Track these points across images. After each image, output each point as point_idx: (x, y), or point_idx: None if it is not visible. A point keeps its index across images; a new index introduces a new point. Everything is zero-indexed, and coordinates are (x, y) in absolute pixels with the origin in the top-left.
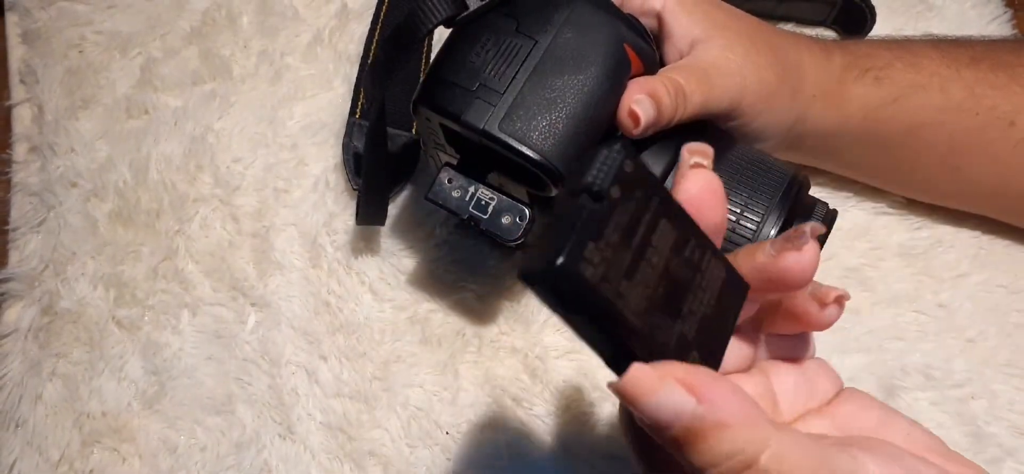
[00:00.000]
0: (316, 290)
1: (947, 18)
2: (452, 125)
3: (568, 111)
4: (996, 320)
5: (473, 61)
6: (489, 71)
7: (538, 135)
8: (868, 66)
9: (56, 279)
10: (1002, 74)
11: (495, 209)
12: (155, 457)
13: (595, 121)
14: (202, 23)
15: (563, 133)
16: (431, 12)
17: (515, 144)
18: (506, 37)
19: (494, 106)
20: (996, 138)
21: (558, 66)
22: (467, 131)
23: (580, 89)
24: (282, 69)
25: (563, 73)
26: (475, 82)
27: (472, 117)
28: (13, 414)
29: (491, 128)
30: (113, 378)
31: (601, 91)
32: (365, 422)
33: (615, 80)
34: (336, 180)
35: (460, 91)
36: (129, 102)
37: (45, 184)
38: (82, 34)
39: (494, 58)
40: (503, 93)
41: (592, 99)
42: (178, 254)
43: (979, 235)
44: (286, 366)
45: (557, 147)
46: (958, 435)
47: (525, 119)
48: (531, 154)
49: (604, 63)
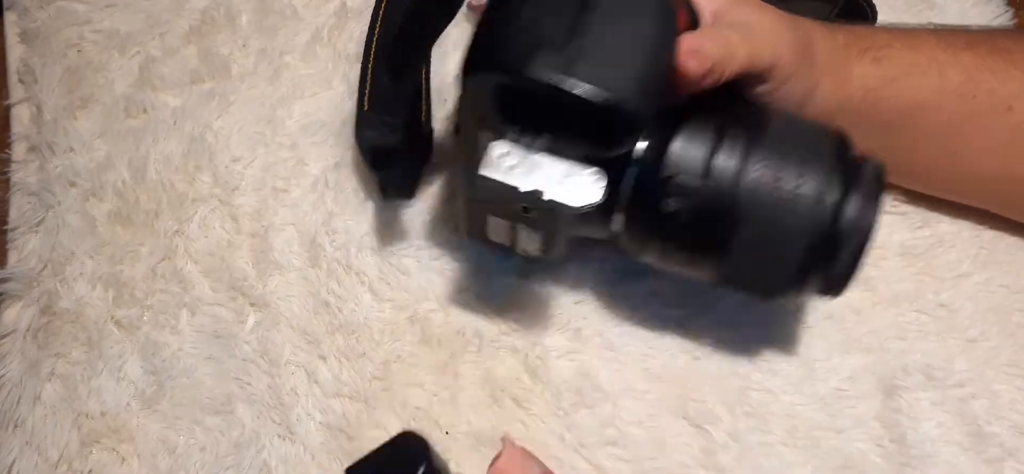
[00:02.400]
0: (315, 290)
1: (948, 17)
2: (513, 82)
3: (632, 57)
4: (998, 320)
5: (524, 19)
6: (544, 27)
7: (610, 80)
8: (867, 45)
9: (55, 279)
10: (999, 59)
11: (564, 173)
12: (154, 457)
13: (659, 67)
14: (201, 22)
15: (633, 77)
16: None
17: (590, 88)
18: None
19: (558, 56)
20: (994, 123)
21: (612, 17)
22: (534, 84)
23: (639, 36)
24: (281, 68)
25: (619, 22)
26: (532, 38)
27: (538, 70)
28: (12, 414)
29: (559, 79)
30: (112, 378)
31: (658, 39)
32: (365, 422)
33: (668, 31)
34: (336, 179)
35: (518, 47)
36: (128, 101)
37: (44, 184)
38: (81, 33)
39: (545, 14)
40: (563, 45)
41: (652, 46)
42: (177, 254)
43: (981, 234)
44: (285, 366)
45: (630, 89)
46: (959, 435)
47: (593, 66)
48: (608, 97)
49: (656, 13)
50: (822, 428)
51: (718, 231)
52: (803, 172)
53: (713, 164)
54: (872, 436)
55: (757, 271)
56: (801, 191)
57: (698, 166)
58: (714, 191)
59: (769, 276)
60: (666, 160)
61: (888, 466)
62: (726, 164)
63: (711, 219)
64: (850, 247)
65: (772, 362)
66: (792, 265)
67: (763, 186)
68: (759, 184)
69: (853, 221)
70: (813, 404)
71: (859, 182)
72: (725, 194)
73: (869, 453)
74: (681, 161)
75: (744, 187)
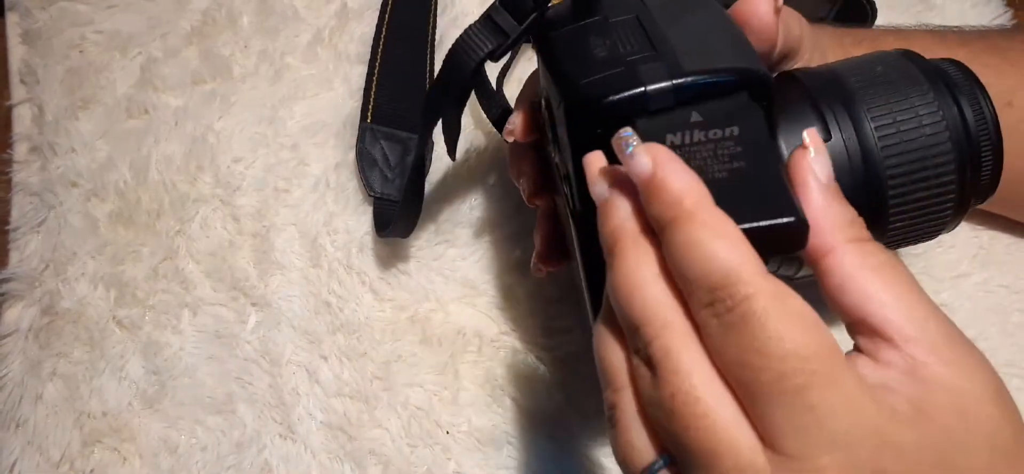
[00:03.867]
0: (316, 290)
1: (947, 17)
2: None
3: (722, 28)
4: (997, 320)
5: (600, 54)
6: (623, 49)
7: (721, 56)
8: (862, 37)
9: (56, 279)
10: (995, 56)
11: None
12: (156, 457)
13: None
14: (202, 23)
15: (738, 42)
16: (476, 48)
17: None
18: (605, 28)
19: (660, 63)
20: None
21: (677, 15)
22: (658, 95)
23: (713, 17)
24: (282, 69)
25: (685, 15)
26: (621, 64)
27: (653, 79)
28: (14, 414)
29: (678, 77)
30: (114, 378)
31: (725, 15)
32: (365, 422)
33: (721, 8)
34: (336, 180)
35: (617, 75)
36: (129, 102)
37: (45, 184)
38: (82, 34)
39: (616, 40)
40: (654, 52)
41: (726, 21)
42: (178, 254)
43: (979, 235)
44: (287, 366)
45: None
46: None
47: (696, 54)
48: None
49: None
50: None
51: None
52: (911, 103)
53: (830, 130)
54: None
55: (920, 218)
56: (925, 126)
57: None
58: (846, 153)
59: (933, 216)
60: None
61: None
62: (842, 125)
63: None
64: (990, 145)
65: None
66: (950, 194)
67: (887, 132)
68: (885, 136)
69: (980, 119)
70: None
71: (954, 82)
72: (857, 154)
73: None
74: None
75: (871, 142)
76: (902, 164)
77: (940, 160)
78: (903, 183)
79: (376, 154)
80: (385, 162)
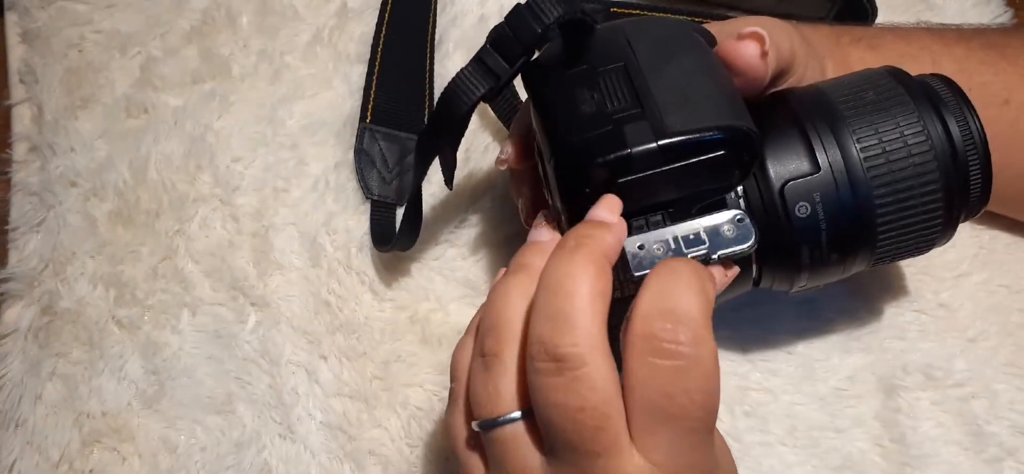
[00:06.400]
0: (316, 290)
1: (947, 16)
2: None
3: (708, 84)
4: (997, 320)
5: (587, 109)
6: (610, 105)
7: (706, 113)
8: (860, 36)
9: (56, 279)
10: (992, 53)
11: (706, 229)
12: (155, 457)
13: (729, 80)
14: (202, 22)
15: (720, 100)
16: (469, 91)
17: (698, 127)
18: (593, 80)
19: (645, 122)
20: (991, 118)
21: (663, 64)
22: (642, 157)
23: (698, 62)
24: (282, 68)
25: (671, 63)
26: (607, 122)
27: (638, 140)
28: (13, 414)
29: (663, 137)
30: (113, 378)
31: (712, 60)
32: (365, 422)
33: (707, 47)
34: (336, 179)
35: (602, 136)
36: (129, 101)
37: (45, 184)
38: (81, 33)
39: (604, 94)
40: (639, 109)
41: (711, 64)
42: (178, 254)
43: (980, 234)
44: (286, 366)
45: (730, 109)
46: (959, 434)
47: (681, 110)
48: (721, 124)
49: (692, 40)
50: (821, 428)
51: (857, 218)
52: (896, 123)
53: (816, 154)
54: (872, 436)
55: (909, 236)
56: (910, 145)
57: (805, 163)
58: (832, 177)
59: (921, 234)
60: (769, 176)
61: (888, 466)
62: (828, 149)
63: (845, 210)
64: (978, 161)
65: (771, 362)
66: (938, 212)
67: (873, 154)
68: (870, 156)
69: (965, 134)
70: (812, 404)
71: (941, 100)
72: (843, 177)
73: (869, 453)
74: (784, 167)
75: (857, 164)
76: (889, 185)
77: (926, 180)
78: (890, 204)
79: (375, 155)
80: (384, 163)
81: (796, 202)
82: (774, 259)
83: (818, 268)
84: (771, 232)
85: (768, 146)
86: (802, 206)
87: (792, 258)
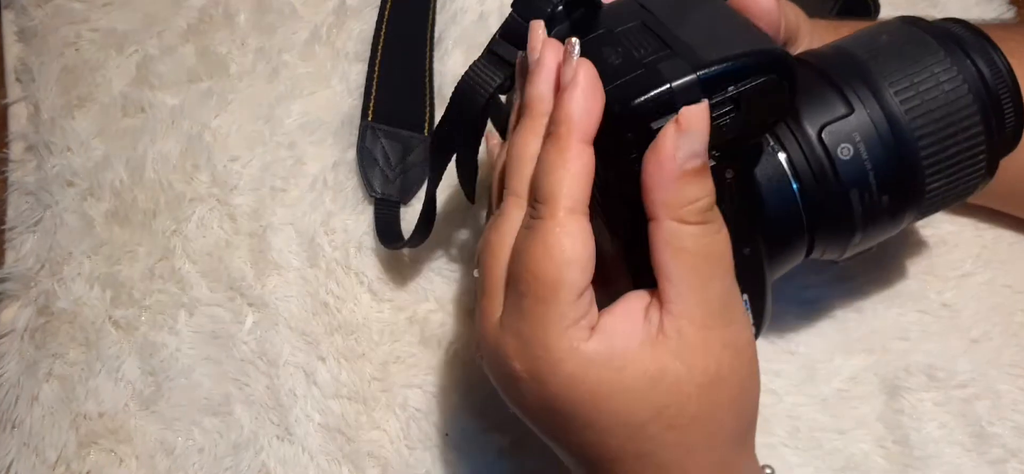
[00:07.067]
0: (314, 290)
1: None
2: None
3: (732, 23)
4: (1000, 320)
5: (615, 61)
6: (638, 54)
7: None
8: (860, 28)
9: (52, 279)
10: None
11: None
12: (152, 458)
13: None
14: (199, 20)
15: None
16: (483, 84)
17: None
18: (612, 39)
19: (679, 59)
20: None
21: (682, 13)
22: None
23: (718, 10)
24: (279, 67)
25: (692, 12)
26: (639, 67)
27: (676, 75)
28: (9, 415)
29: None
30: (110, 379)
31: (728, 8)
32: (364, 423)
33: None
34: (335, 179)
35: (639, 77)
36: (125, 100)
37: (41, 183)
38: (78, 32)
39: (628, 46)
40: (669, 50)
41: (732, 13)
42: (175, 254)
43: (983, 234)
44: (284, 367)
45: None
46: (962, 436)
47: (711, 45)
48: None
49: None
50: (824, 429)
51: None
52: (926, 65)
53: (849, 99)
54: (875, 437)
55: (956, 174)
56: (944, 84)
57: (839, 108)
58: (869, 119)
59: (968, 170)
60: (804, 126)
61: (891, 467)
62: (860, 94)
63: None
64: (1008, 95)
65: (774, 363)
66: (981, 145)
67: (910, 99)
68: (906, 99)
69: (993, 71)
70: (815, 405)
71: (964, 40)
72: (880, 118)
73: (872, 454)
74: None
75: (892, 105)
76: (929, 124)
77: (965, 114)
78: (933, 143)
79: (377, 153)
80: (386, 161)
81: (837, 145)
82: (826, 216)
83: (871, 218)
84: (818, 187)
85: (801, 103)
86: (844, 148)
87: (844, 209)
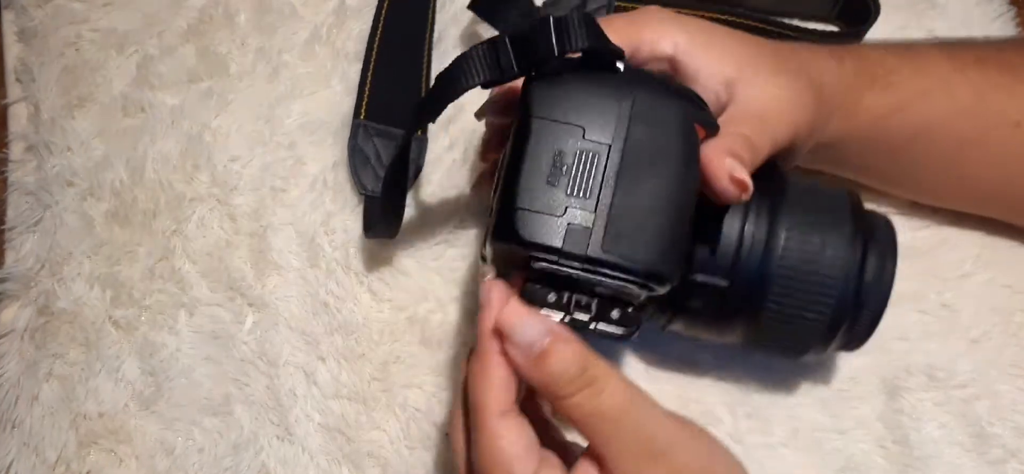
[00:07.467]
0: (314, 290)
1: (950, 15)
2: (548, 258)
3: (667, 214)
4: (1000, 320)
5: (550, 183)
6: (571, 191)
7: (645, 249)
8: (876, 73)
9: (52, 279)
10: (1008, 76)
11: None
12: (152, 458)
13: (690, 211)
14: (199, 20)
15: (668, 238)
16: (471, 73)
17: (625, 264)
18: (576, 148)
19: (590, 228)
20: (1002, 139)
21: (640, 168)
22: (568, 261)
23: (671, 186)
24: (280, 67)
25: (649, 175)
26: (561, 207)
27: (571, 245)
28: (9, 415)
29: (596, 253)
30: (110, 379)
31: (689, 180)
32: (364, 423)
33: (694, 162)
34: (334, 179)
35: (547, 219)
36: (126, 100)
37: (41, 183)
38: (78, 32)
39: (571, 175)
40: (594, 212)
41: (683, 190)
42: (175, 254)
43: (983, 235)
44: (284, 367)
45: (666, 254)
46: (962, 436)
47: (627, 235)
48: (643, 268)
49: (684, 152)
50: (824, 429)
51: (748, 303)
52: (826, 237)
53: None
54: (875, 437)
55: (786, 334)
56: (827, 251)
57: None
58: (743, 270)
59: (798, 338)
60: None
61: (891, 467)
62: (756, 238)
63: (741, 296)
64: (872, 304)
65: (773, 363)
66: (821, 327)
67: (790, 255)
68: (787, 253)
69: (875, 279)
70: (815, 405)
71: (875, 240)
72: (754, 270)
73: (872, 454)
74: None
75: (773, 259)
76: (788, 279)
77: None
78: (782, 297)
79: (369, 151)
80: (378, 160)
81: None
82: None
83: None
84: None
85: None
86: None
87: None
